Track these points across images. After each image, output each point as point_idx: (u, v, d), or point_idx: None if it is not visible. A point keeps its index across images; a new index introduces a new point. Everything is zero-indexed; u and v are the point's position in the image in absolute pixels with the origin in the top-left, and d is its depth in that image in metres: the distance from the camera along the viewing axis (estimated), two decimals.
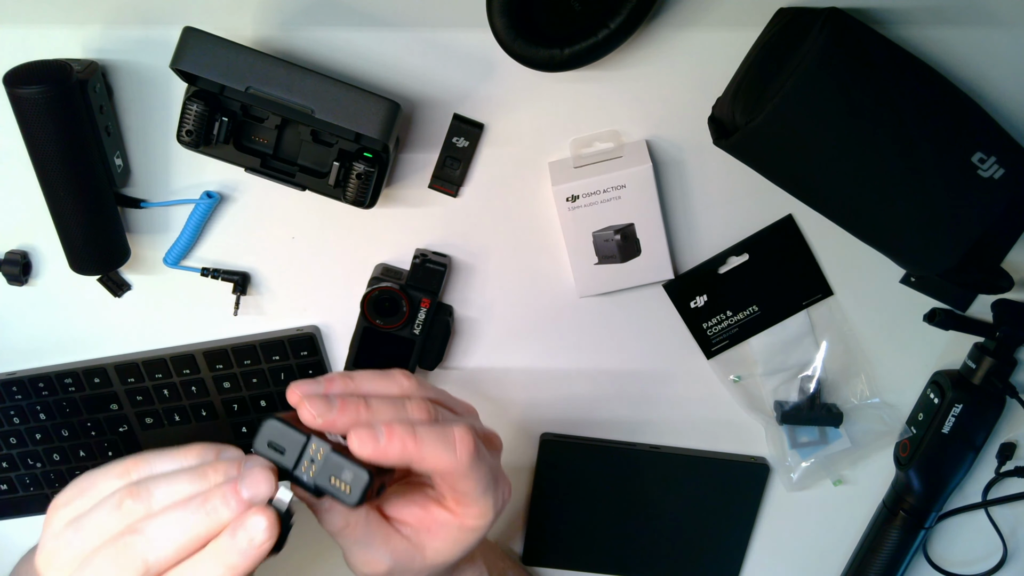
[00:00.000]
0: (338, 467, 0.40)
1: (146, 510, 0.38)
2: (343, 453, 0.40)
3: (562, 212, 0.62)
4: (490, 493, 0.45)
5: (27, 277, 0.67)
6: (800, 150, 0.54)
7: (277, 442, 0.41)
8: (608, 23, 0.54)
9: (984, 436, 0.67)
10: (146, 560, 0.37)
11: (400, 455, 0.41)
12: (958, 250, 0.54)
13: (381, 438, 0.41)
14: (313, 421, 0.41)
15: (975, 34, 0.57)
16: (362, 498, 0.40)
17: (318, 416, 0.41)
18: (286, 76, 0.54)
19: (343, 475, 0.40)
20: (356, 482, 0.40)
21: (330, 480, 0.40)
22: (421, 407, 0.44)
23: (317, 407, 0.41)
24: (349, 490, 0.40)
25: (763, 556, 0.76)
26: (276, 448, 0.41)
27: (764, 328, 0.68)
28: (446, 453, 0.43)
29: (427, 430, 0.42)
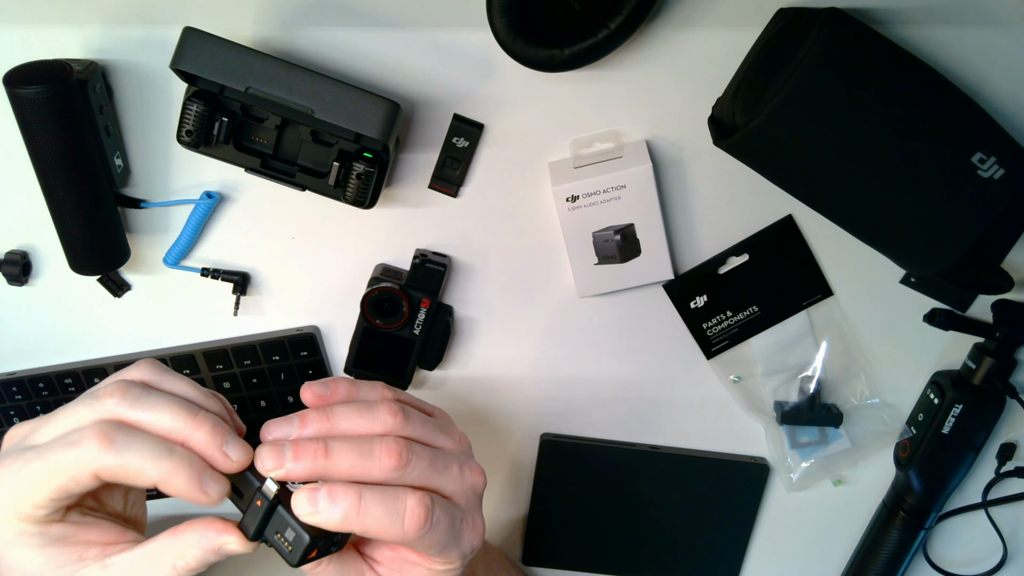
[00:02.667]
0: (282, 524, 0.40)
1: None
2: (287, 507, 0.40)
3: (562, 212, 0.62)
4: (450, 549, 0.43)
5: (27, 277, 0.67)
6: (800, 150, 0.54)
7: (237, 484, 0.41)
8: (608, 23, 0.54)
9: (984, 436, 0.67)
10: None
11: (340, 524, 0.39)
12: (958, 250, 0.54)
13: (321, 504, 0.39)
14: (265, 472, 0.40)
15: (975, 34, 0.57)
16: (301, 561, 0.40)
17: (271, 469, 0.40)
18: (286, 76, 0.54)
19: (286, 533, 0.40)
20: (297, 544, 0.40)
21: (275, 534, 0.40)
22: (390, 452, 0.41)
23: (271, 457, 0.40)
24: (290, 547, 0.40)
25: (763, 556, 0.76)
26: (236, 490, 0.41)
27: (764, 328, 0.68)
28: (392, 525, 0.40)
29: (374, 499, 0.40)
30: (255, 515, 0.40)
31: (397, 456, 0.41)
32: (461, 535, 0.44)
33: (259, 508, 0.40)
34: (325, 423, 0.42)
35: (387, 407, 0.43)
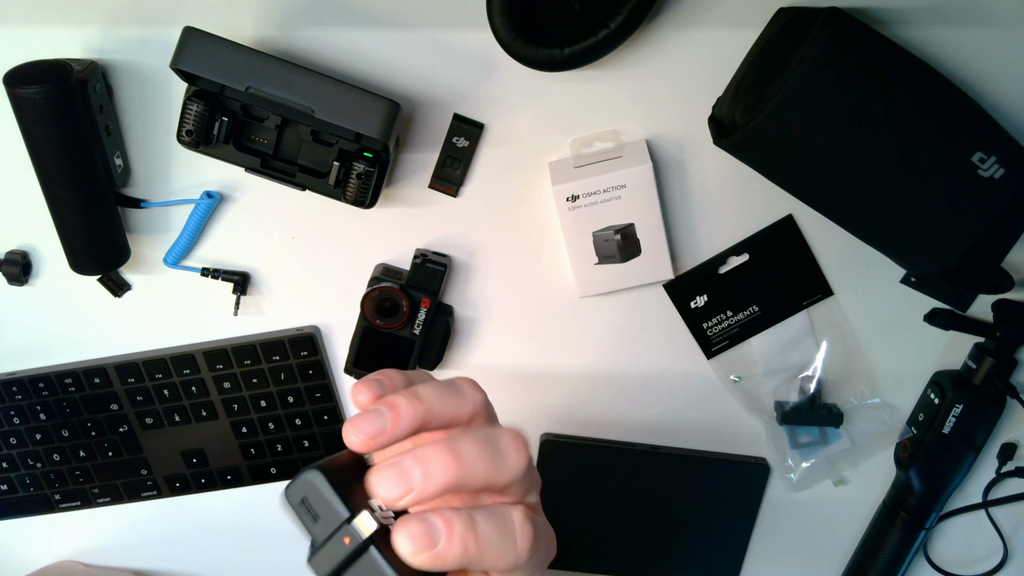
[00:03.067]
0: (371, 570, 0.30)
1: None
2: (385, 552, 0.30)
3: (562, 212, 0.62)
4: (544, 566, 0.35)
5: (27, 277, 0.67)
6: (800, 150, 0.54)
7: (313, 506, 0.31)
8: (608, 23, 0.54)
9: (984, 436, 0.67)
10: None
11: (459, 558, 0.30)
12: (958, 250, 0.54)
13: (440, 541, 0.30)
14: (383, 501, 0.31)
15: (975, 34, 0.57)
16: None
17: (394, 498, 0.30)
18: (286, 76, 0.54)
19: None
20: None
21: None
22: (518, 445, 0.33)
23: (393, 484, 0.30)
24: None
25: (763, 556, 0.76)
26: (310, 511, 0.31)
27: (764, 328, 0.68)
28: (508, 551, 0.32)
29: (487, 521, 0.31)
30: (335, 554, 0.30)
31: (525, 449, 0.33)
32: (550, 546, 0.37)
33: (344, 546, 0.30)
34: (418, 405, 0.32)
35: (466, 381, 0.35)
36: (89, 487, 0.73)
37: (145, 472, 0.73)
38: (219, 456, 0.72)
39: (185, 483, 0.73)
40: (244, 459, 0.72)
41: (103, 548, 0.78)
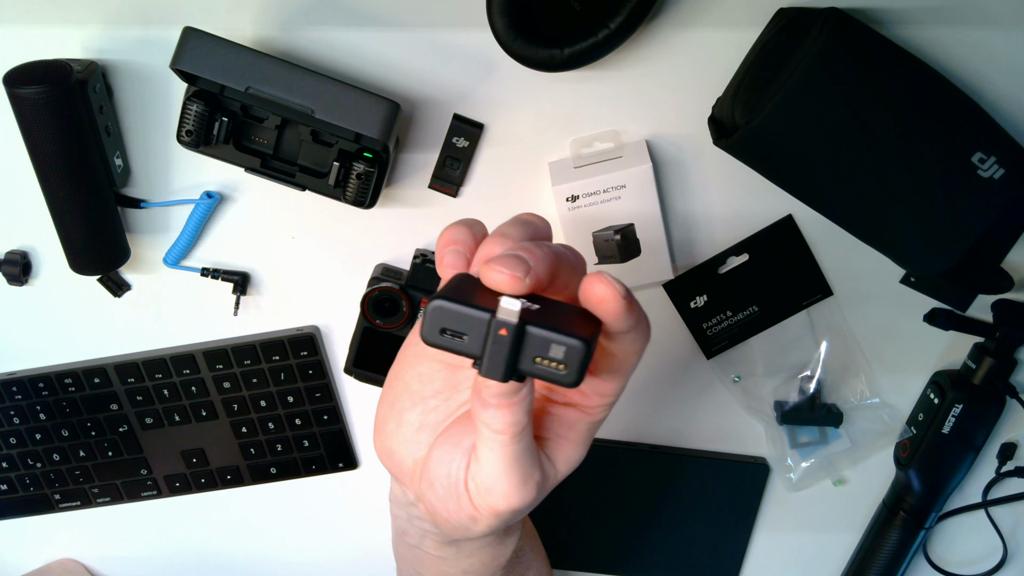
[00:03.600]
0: (544, 343, 0.30)
1: None
2: (542, 323, 0.31)
3: (562, 212, 0.62)
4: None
5: (27, 277, 0.67)
6: (800, 150, 0.54)
7: (453, 327, 0.31)
8: (608, 23, 0.54)
9: (984, 436, 0.67)
10: None
11: (636, 316, 0.32)
12: (958, 250, 0.54)
13: (623, 292, 0.31)
14: (517, 286, 0.31)
15: (975, 34, 0.57)
16: (581, 374, 0.31)
17: (517, 280, 0.31)
18: (286, 76, 0.54)
19: (551, 352, 0.30)
20: (572, 355, 0.30)
21: (534, 361, 0.31)
22: (572, 249, 0.35)
23: (510, 266, 0.31)
24: (564, 367, 0.31)
25: (763, 556, 0.76)
26: (454, 334, 0.31)
27: (764, 328, 0.68)
28: (647, 323, 0.35)
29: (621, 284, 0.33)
30: (500, 350, 0.30)
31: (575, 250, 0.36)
32: None
33: (504, 339, 0.30)
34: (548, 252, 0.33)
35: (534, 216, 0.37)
36: (89, 487, 0.73)
37: (145, 472, 0.73)
38: (219, 456, 0.72)
39: (185, 483, 0.73)
40: (244, 459, 0.72)
41: (103, 548, 0.78)
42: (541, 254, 0.32)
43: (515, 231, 0.35)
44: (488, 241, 0.34)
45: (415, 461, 0.38)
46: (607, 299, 0.31)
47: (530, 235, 0.35)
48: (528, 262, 0.31)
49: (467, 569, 0.43)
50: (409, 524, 0.43)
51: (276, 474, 0.73)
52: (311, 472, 0.73)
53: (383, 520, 0.76)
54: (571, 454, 0.38)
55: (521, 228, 0.35)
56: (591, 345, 0.30)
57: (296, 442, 0.72)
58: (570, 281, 0.34)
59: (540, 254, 0.32)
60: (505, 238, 0.34)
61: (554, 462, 0.38)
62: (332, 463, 0.73)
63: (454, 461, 0.36)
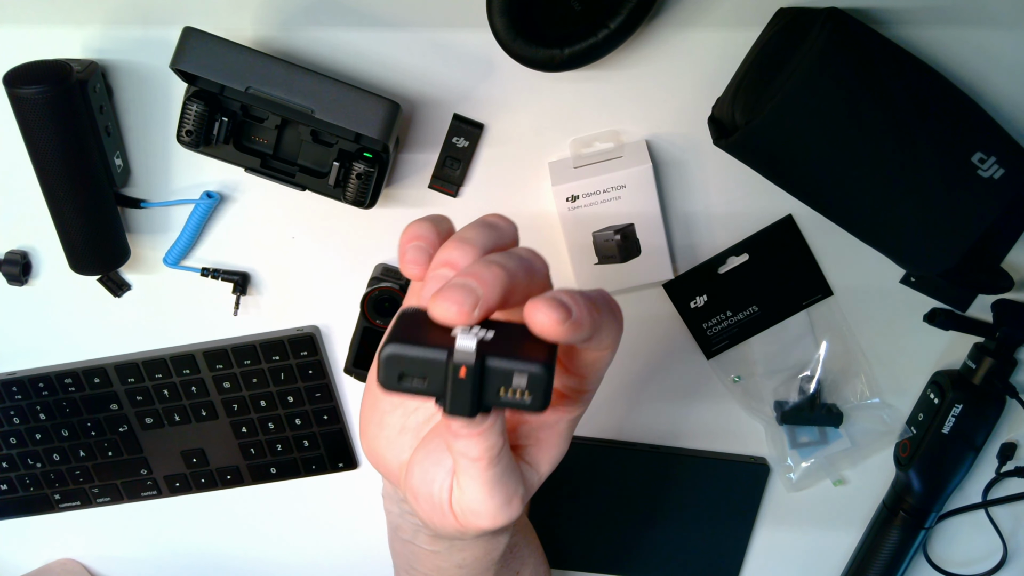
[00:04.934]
0: (505, 374, 0.30)
1: None
2: (497, 352, 0.30)
3: (562, 212, 0.62)
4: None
5: (27, 277, 0.67)
6: (800, 150, 0.54)
7: (411, 371, 0.30)
8: (608, 23, 0.54)
9: (984, 436, 0.67)
10: None
11: (590, 327, 0.31)
12: (958, 250, 0.54)
13: (572, 308, 0.30)
14: (466, 318, 0.30)
15: (975, 34, 0.57)
16: (547, 398, 0.30)
17: (463, 313, 0.30)
18: (286, 76, 0.54)
19: (514, 381, 0.30)
20: (535, 382, 0.30)
21: (498, 393, 0.30)
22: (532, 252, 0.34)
23: (457, 300, 0.30)
24: (528, 395, 0.30)
25: (763, 556, 0.76)
26: (413, 379, 0.30)
27: (764, 328, 0.68)
28: (616, 319, 0.34)
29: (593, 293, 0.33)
30: (463, 390, 0.30)
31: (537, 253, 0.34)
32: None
33: (464, 380, 0.30)
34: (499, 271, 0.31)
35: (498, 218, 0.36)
36: (89, 487, 0.73)
37: (145, 472, 0.73)
38: (219, 456, 0.72)
39: (185, 483, 0.73)
40: (244, 459, 0.72)
41: (103, 548, 0.78)
42: (491, 278, 0.30)
43: (477, 236, 0.33)
44: (447, 245, 0.33)
45: (400, 463, 0.38)
46: (547, 330, 0.30)
47: (494, 240, 0.34)
48: (476, 291, 0.30)
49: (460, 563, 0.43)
50: (402, 519, 0.43)
51: (276, 474, 0.73)
52: (311, 472, 0.73)
53: (383, 520, 0.76)
54: (553, 453, 0.38)
55: (484, 232, 0.34)
56: (551, 368, 0.30)
57: (296, 442, 0.72)
58: (528, 293, 0.32)
59: (489, 278, 0.30)
60: (464, 243, 0.33)
61: (536, 465, 0.38)
62: (332, 463, 0.73)
63: (435, 481, 0.36)
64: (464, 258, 0.32)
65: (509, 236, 0.35)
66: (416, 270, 0.33)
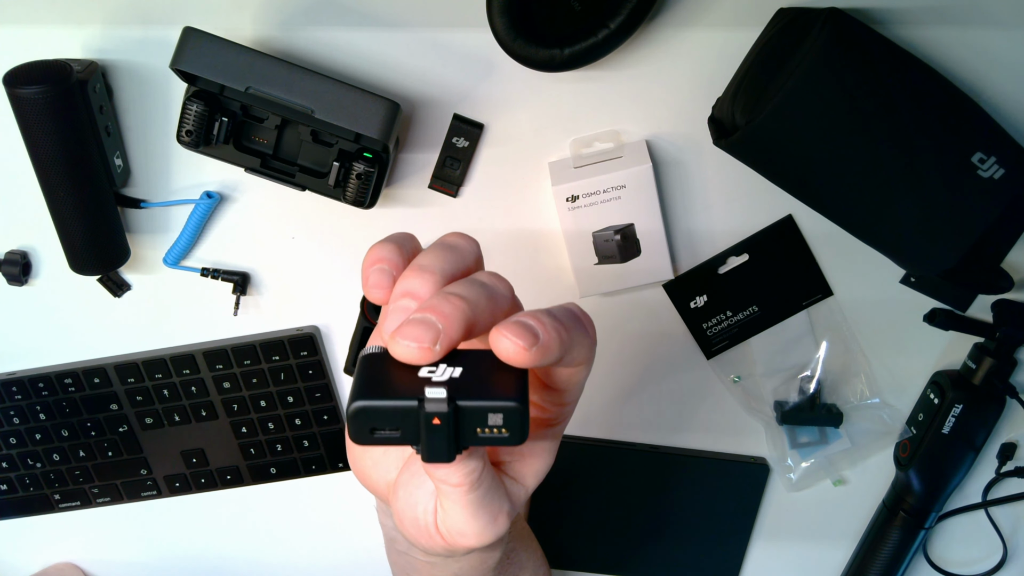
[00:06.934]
0: (480, 414, 0.29)
1: None
2: (468, 393, 0.29)
3: (562, 212, 0.62)
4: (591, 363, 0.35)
5: (27, 277, 0.67)
6: (800, 150, 0.54)
7: (383, 424, 0.30)
8: (608, 23, 0.54)
9: (984, 436, 0.67)
10: None
11: (558, 349, 0.30)
12: (958, 250, 0.54)
13: (539, 331, 0.29)
14: (429, 356, 0.29)
15: (975, 34, 0.57)
16: (525, 431, 0.30)
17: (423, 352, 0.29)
18: (286, 76, 0.54)
19: (490, 420, 0.29)
20: (512, 417, 0.29)
21: (475, 433, 0.30)
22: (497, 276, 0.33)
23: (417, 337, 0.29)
24: (506, 431, 0.30)
25: (763, 556, 0.76)
26: (386, 431, 0.30)
27: (764, 328, 0.68)
28: (586, 335, 0.33)
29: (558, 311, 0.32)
30: (439, 438, 0.29)
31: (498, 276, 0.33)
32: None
33: (439, 427, 0.29)
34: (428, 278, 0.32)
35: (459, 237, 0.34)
36: (89, 487, 0.73)
37: (145, 472, 0.73)
38: (219, 456, 0.72)
39: (185, 483, 0.73)
40: (244, 459, 0.72)
41: (103, 548, 0.78)
42: (451, 311, 0.29)
43: (437, 261, 0.32)
44: (407, 273, 0.32)
45: (387, 483, 0.38)
46: (514, 357, 0.29)
47: (454, 263, 0.33)
48: (436, 326, 0.29)
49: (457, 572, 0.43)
50: (396, 532, 0.43)
51: (276, 474, 0.73)
52: (311, 472, 0.73)
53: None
54: (538, 467, 0.37)
55: (444, 256, 0.33)
56: (526, 400, 0.29)
57: (296, 442, 0.72)
58: (492, 320, 0.31)
59: (450, 311, 0.29)
60: (423, 271, 0.32)
61: (522, 479, 0.37)
62: (332, 463, 0.73)
63: (419, 504, 0.35)
64: (424, 286, 0.31)
65: (471, 257, 0.34)
66: (379, 293, 0.32)
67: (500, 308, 0.32)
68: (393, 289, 0.32)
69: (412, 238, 0.35)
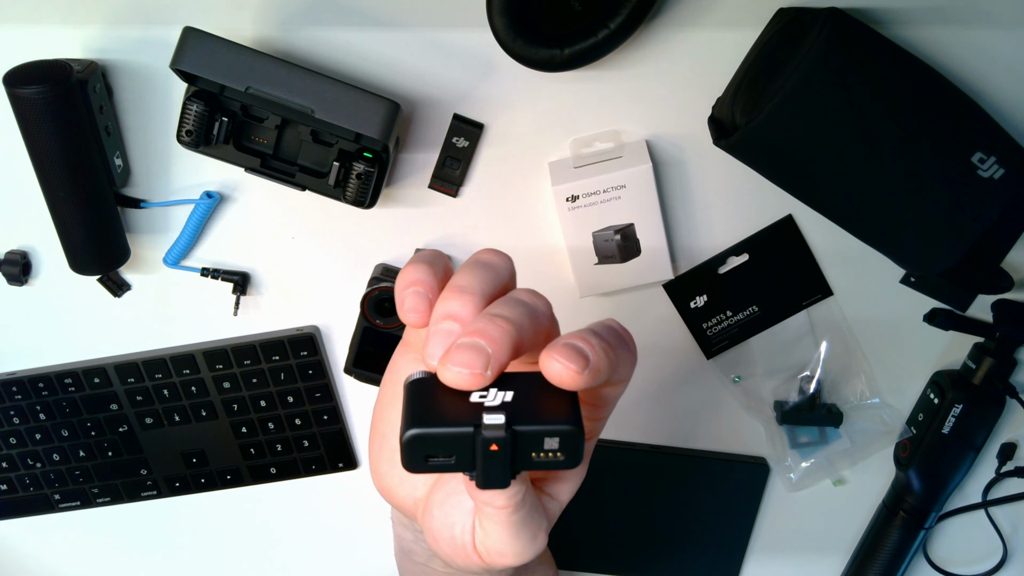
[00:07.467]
0: (536, 439, 0.29)
1: None
2: (524, 417, 0.29)
3: (562, 212, 0.62)
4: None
5: (27, 277, 0.67)
6: (800, 150, 0.54)
7: (438, 451, 0.29)
8: (608, 23, 0.54)
9: (984, 436, 0.67)
10: None
11: (608, 368, 0.30)
12: (958, 250, 0.54)
13: (589, 353, 0.29)
14: (481, 381, 0.29)
15: (975, 34, 0.57)
16: (580, 453, 0.29)
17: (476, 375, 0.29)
18: (286, 76, 0.54)
19: (546, 444, 0.29)
20: (568, 441, 0.29)
21: (531, 457, 0.29)
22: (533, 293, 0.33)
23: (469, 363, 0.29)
24: (561, 454, 0.29)
25: (763, 556, 0.76)
26: (442, 459, 0.29)
27: (764, 328, 0.68)
28: (630, 352, 0.33)
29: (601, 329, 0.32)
30: (497, 465, 0.29)
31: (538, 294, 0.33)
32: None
33: (496, 453, 0.29)
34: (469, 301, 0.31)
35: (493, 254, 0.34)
36: (89, 487, 0.73)
37: (145, 472, 0.73)
38: (219, 456, 0.72)
39: (185, 483, 0.73)
40: (244, 459, 0.72)
41: (103, 548, 0.78)
42: (499, 334, 0.29)
43: (476, 281, 0.32)
44: (447, 295, 0.31)
45: (415, 500, 0.37)
46: (567, 381, 0.29)
47: (492, 281, 0.32)
48: (486, 350, 0.29)
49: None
50: (416, 545, 0.42)
51: (276, 474, 0.73)
52: (311, 472, 0.73)
53: (383, 521, 0.76)
54: (572, 483, 0.37)
55: (482, 275, 0.32)
56: (580, 422, 0.29)
57: (296, 442, 0.72)
58: (536, 340, 0.31)
59: (498, 335, 0.29)
60: (464, 292, 0.31)
61: (557, 495, 0.37)
62: (332, 463, 0.73)
63: (456, 524, 0.35)
64: (465, 308, 0.31)
65: (506, 274, 0.34)
66: (416, 318, 0.32)
67: (542, 327, 0.32)
68: (432, 312, 0.31)
69: (442, 256, 0.34)
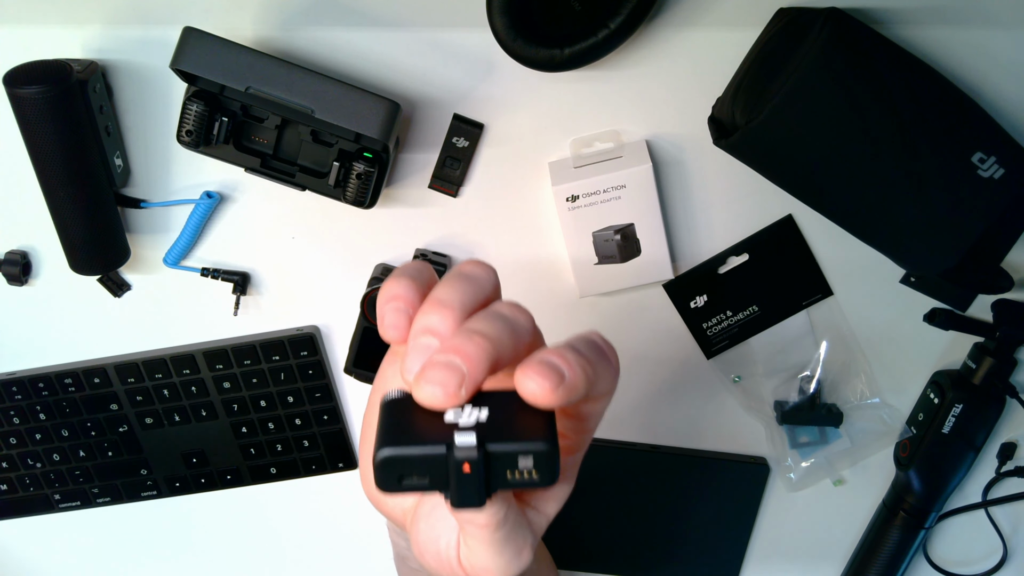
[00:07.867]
0: (510, 458, 0.29)
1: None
2: (497, 436, 0.29)
3: (562, 212, 0.62)
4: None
5: (27, 277, 0.67)
6: (800, 150, 0.54)
7: (411, 473, 0.29)
8: (608, 23, 0.54)
9: (984, 436, 0.67)
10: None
11: (585, 384, 0.30)
12: (958, 250, 0.54)
13: (564, 370, 0.29)
14: (455, 400, 0.29)
15: (975, 34, 0.57)
16: (555, 472, 0.29)
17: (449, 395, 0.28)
18: (286, 76, 0.54)
19: (520, 463, 0.29)
20: (542, 460, 0.29)
21: (505, 477, 0.29)
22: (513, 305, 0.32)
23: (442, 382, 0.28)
24: (536, 473, 0.29)
25: (763, 556, 0.76)
26: (414, 479, 0.29)
27: (764, 328, 0.68)
28: (611, 366, 0.32)
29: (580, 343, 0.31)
30: (471, 484, 0.29)
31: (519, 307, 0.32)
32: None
33: (469, 474, 0.29)
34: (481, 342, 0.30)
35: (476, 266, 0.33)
36: (89, 487, 0.73)
37: (145, 472, 0.73)
38: (219, 456, 0.72)
39: (185, 483, 0.73)
40: (244, 459, 0.72)
41: (103, 548, 0.78)
42: (474, 351, 0.29)
43: (456, 294, 0.31)
44: (426, 308, 0.31)
45: (404, 510, 0.37)
46: (541, 399, 0.29)
47: (473, 294, 0.32)
48: (461, 368, 0.28)
49: None
50: (410, 552, 0.42)
51: (276, 474, 0.73)
52: (311, 472, 0.73)
53: (382, 521, 0.76)
54: (559, 495, 0.37)
55: (462, 288, 0.31)
56: (555, 440, 0.29)
57: (296, 442, 0.72)
58: (516, 356, 0.31)
59: (473, 352, 0.29)
60: (443, 306, 0.30)
61: (543, 509, 0.36)
62: (332, 463, 0.73)
63: (441, 538, 0.34)
64: (444, 323, 0.30)
65: (489, 286, 0.33)
66: (396, 334, 0.31)
67: (522, 342, 0.31)
68: (411, 327, 0.31)
69: (427, 268, 0.34)
